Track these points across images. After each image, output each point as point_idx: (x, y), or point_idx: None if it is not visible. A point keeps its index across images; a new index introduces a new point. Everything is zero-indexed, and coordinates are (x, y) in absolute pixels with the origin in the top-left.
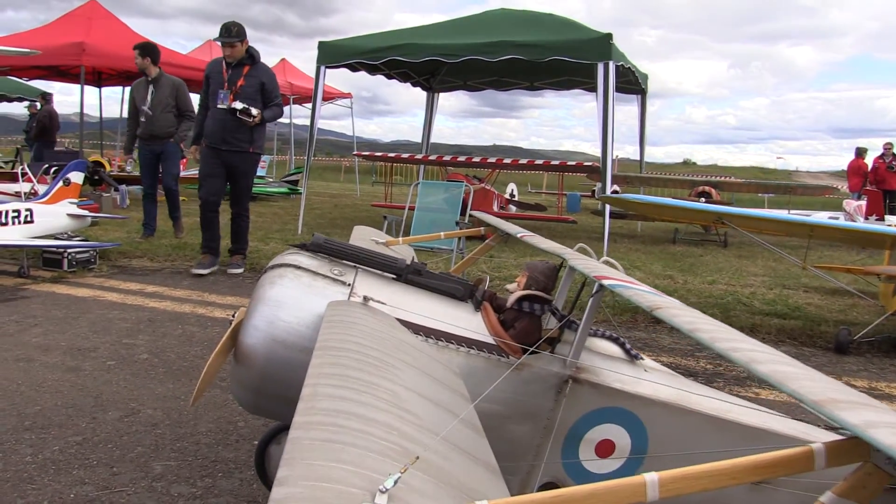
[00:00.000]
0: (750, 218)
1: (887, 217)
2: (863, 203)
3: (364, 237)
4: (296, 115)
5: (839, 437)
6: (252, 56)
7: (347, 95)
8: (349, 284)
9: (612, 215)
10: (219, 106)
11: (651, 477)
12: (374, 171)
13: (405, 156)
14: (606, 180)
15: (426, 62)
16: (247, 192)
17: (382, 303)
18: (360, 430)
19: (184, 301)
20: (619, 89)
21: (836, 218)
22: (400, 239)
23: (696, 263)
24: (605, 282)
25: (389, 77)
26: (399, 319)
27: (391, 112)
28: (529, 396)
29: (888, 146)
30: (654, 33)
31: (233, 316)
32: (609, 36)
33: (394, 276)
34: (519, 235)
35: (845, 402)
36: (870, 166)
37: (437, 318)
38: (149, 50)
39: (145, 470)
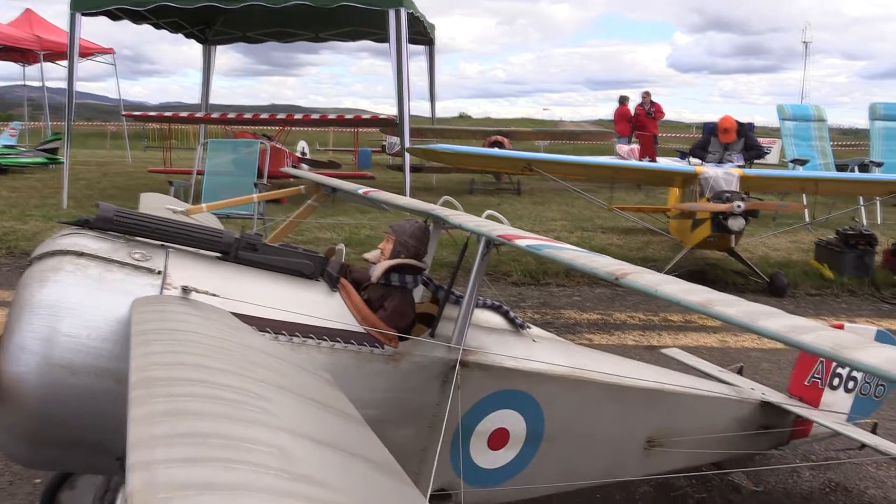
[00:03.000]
0: (557, 163)
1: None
2: (636, 146)
3: (156, 207)
4: (48, 75)
5: None
6: None
7: (109, 51)
8: (160, 272)
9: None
10: None
11: None
12: (146, 135)
13: (184, 114)
14: (404, 133)
15: (201, 9)
16: None
17: (212, 294)
18: None
19: None
20: (409, 39)
21: None
22: (204, 205)
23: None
24: (521, 242)
25: (158, 27)
26: (236, 314)
27: (158, 72)
28: (411, 392)
29: (646, 94)
30: None
31: None
32: None
33: (219, 255)
34: (362, 192)
35: None
36: (633, 113)
37: (285, 307)
38: None
39: None
